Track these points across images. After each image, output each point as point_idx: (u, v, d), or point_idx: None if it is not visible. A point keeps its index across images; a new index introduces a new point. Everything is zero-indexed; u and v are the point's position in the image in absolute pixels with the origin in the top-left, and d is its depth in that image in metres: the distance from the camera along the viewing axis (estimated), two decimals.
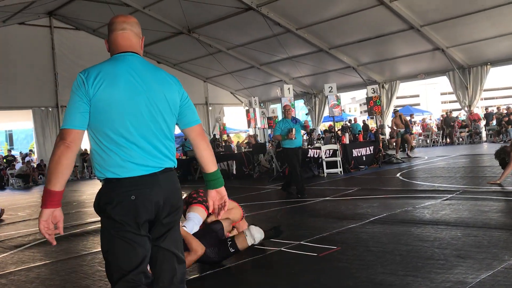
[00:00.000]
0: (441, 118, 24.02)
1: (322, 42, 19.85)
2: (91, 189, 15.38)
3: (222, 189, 2.33)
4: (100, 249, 2.22)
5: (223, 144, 20.15)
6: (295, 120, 8.70)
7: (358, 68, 21.42)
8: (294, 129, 8.29)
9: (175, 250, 2.22)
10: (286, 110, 8.81)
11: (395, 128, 15.56)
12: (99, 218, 2.18)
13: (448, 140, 22.00)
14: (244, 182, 12.73)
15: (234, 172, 14.40)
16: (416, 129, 26.39)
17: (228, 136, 24.85)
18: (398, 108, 17.98)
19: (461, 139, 21.17)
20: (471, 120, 20.71)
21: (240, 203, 4.93)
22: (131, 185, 2.10)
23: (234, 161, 14.70)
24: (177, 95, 2.28)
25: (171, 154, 2.26)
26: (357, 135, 17.57)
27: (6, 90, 20.25)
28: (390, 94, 22.40)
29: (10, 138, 47.31)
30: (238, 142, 23.48)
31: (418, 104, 71.88)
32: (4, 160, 22.17)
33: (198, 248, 3.91)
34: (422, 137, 22.88)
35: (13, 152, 31.25)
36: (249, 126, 17.66)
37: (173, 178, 2.25)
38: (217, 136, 22.20)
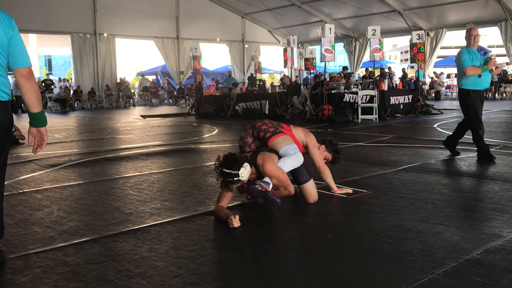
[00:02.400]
0: None
1: None
2: (125, 117, 15.65)
3: (43, 129, 2.49)
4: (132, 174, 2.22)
5: (258, 83, 19.94)
6: (483, 51, 6.02)
7: (404, 12, 20.44)
8: (494, 55, 5.85)
9: None
10: (471, 36, 5.92)
11: None
12: (132, 145, 2.15)
13: (491, 95, 21.17)
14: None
15: (267, 111, 14.29)
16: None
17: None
18: None
19: (504, 95, 20.30)
20: None
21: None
22: None
23: (267, 101, 14.56)
24: (3, 36, 2.39)
25: None
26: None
27: (45, 14, 20.35)
28: (434, 43, 21.46)
29: (49, 63, 48.07)
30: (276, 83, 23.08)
31: None
32: (43, 84, 22.63)
33: (291, 189, 3.84)
34: None
35: (51, 77, 31.87)
36: (285, 66, 17.31)
37: None
38: (253, 74, 21.90)
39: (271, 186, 3.75)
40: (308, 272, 2.59)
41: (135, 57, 40.00)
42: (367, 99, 12.21)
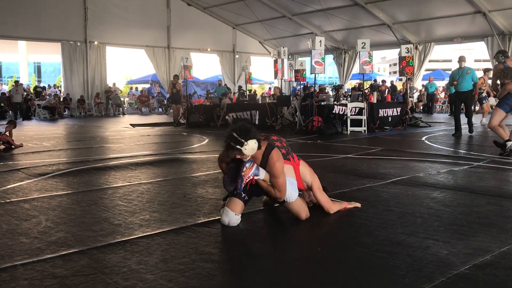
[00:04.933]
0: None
1: None
2: (114, 126, 15.58)
3: None
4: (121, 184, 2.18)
5: (248, 93, 20.01)
6: None
7: (393, 26, 20.71)
8: None
9: None
10: None
11: None
12: (121, 154, 2.13)
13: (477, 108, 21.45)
14: (266, 133, 12.66)
15: (257, 122, 14.32)
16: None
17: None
18: None
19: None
20: None
21: None
22: None
23: (257, 111, 14.60)
24: None
25: None
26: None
27: (36, 21, 20.28)
28: (423, 56, 21.75)
29: (38, 70, 47.76)
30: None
31: (450, 69, 69.80)
32: (32, 91, 22.49)
33: (281, 195, 3.70)
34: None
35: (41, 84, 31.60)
36: (275, 77, 17.40)
37: None
38: (241, 85, 21.94)
39: (257, 176, 3.64)
40: (297, 285, 2.59)
41: (126, 66, 39.91)
42: (356, 111, 12.31)
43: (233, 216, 3.72)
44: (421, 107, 22.98)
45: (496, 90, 7.97)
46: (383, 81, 21.36)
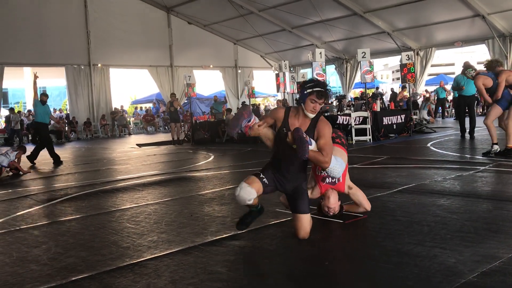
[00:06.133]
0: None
1: (357, 5, 19.27)
2: (120, 147, 15.67)
3: None
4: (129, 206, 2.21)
5: (252, 107, 20.09)
6: None
7: (393, 33, 20.79)
8: None
9: None
10: None
11: None
12: (128, 175, 2.16)
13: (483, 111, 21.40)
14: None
15: None
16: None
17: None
18: None
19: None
20: None
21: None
22: None
23: None
24: None
25: None
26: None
27: (40, 47, 20.56)
28: (424, 62, 21.77)
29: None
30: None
31: (453, 73, 69.51)
32: None
33: (328, 159, 3.73)
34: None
35: None
36: (278, 91, 17.47)
37: None
38: (245, 100, 22.06)
39: (310, 145, 3.65)
40: None
41: (130, 86, 40.23)
42: (360, 120, 12.32)
43: (245, 186, 3.68)
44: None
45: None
46: (404, 87, 21.19)
